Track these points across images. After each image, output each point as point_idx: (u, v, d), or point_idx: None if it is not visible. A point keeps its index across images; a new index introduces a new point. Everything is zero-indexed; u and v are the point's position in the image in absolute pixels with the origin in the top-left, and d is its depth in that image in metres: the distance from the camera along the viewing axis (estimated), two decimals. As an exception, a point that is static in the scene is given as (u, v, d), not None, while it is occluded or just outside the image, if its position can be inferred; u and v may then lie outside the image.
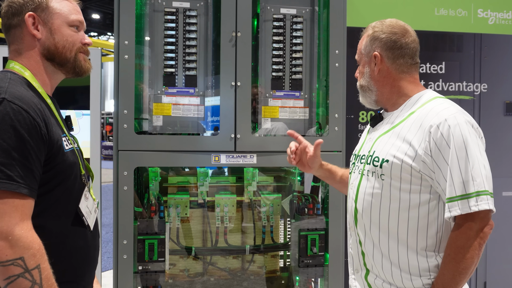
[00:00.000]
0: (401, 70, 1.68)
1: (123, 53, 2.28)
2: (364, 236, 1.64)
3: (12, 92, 1.28)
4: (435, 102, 1.60)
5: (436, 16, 3.03)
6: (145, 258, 2.33)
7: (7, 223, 1.20)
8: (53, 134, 1.33)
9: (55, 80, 1.49)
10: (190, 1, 2.40)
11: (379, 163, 1.59)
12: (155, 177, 2.61)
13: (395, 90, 1.68)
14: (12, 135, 1.22)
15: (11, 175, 1.21)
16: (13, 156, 1.22)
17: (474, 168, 1.44)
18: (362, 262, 1.67)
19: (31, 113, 1.27)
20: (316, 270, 2.53)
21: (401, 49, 1.67)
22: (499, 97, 3.14)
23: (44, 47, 1.43)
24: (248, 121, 2.39)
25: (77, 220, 1.43)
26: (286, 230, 2.93)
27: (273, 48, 2.49)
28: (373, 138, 1.71)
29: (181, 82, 2.40)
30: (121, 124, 2.29)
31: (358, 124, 2.94)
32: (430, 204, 1.53)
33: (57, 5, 1.45)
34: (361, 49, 1.73)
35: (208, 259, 2.80)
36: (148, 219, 2.39)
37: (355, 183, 1.71)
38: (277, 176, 2.98)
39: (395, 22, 1.70)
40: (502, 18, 3.13)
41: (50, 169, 1.32)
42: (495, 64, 3.13)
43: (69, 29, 1.46)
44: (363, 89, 1.73)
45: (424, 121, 1.53)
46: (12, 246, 1.19)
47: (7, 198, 1.21)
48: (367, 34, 1.73)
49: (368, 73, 1.70)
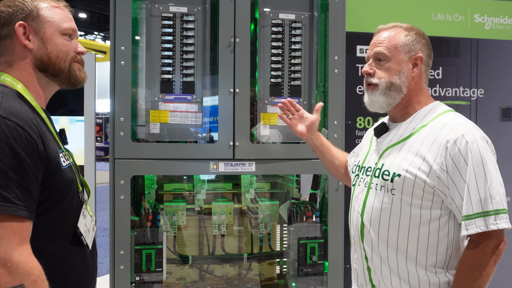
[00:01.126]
0: (426, 80, 1.65)
1: (119, 59, 2.23)
2: (371, 251, 1.59)
3: (6, 108, 1.21)
4: (448, 116, 1.56)
5: (434, 21, 3.01)
6: (142, 268, 2.28)
7: (5, 248, 1.13)
8: (50, 150, 1.26)
9: (49, 92, 1.42)
10: (187, 6, 2.35)
11: (389, 177, 1.54)
12: (151, 185, 2.56)
13: (416, 99, 1.63)
14: (9, 154, 1.16)
15: (9, 197, 1.15)
16: (10, 177, 1.15)
17: (493, 186, 1.42)
18: (368, 278, 1.62)
19: (27, 130, 1.20)
20: (315, 278, 2.50)
21: (431, 60, 1.66)
22: (495, 102, 3.14)
23: (36, 57, 1.36)
24: (247, 129, 2.35)
25: (76, 240, 1.36)
26: (282, 237, 2.89)
27: (271, 54, 2.46)
28: (380, 150, 1.65)
29: (179, 88, 2.35)
30: (118, 131, 2.24)
31: (356, 130, 2.91)
32: (441, 220, 1.50)
33: (49, 13, 1.37)
34: (399, 45, 1.58)
35: (205, 267, 2.75)
36: (145, 228, 2.34)
37: (361, 197, 1.64)
38: (273, 183, 2.95)
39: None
40: (498, 23, 3.13)
41: (47, 188, 1.26)
42: (492, 69, 3.13)
43: (62, 38, 1.38)
44: (392, 88, 1.59)
45: (438, 136, 1.49)
46: (12, 273, 1.12)
47: (5, 222, 1.14)
48: (404, 30, 1.61)
49: (405, 73, 1.59)
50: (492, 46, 3.12)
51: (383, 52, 1.60)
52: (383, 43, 1.61)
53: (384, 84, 1.59)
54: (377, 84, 1.61)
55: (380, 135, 1.68)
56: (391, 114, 1.70)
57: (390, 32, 1.62)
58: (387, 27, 1.65)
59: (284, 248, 2.85)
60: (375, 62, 1.63)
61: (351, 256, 1.73)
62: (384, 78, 1.59)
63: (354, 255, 1.68)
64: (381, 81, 1.60)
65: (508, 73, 3.16)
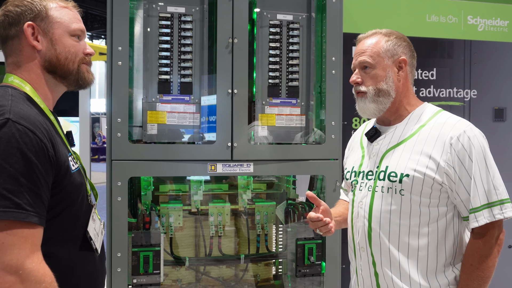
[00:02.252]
0: (411, 80, 1.69)
1: (116, 59, 2.21)
2: (380, 256, 1.59)
3: (17, 111, 1.18)
4: (444, 115, 1.62)
5: (428, 22, 3.04)
6: (140, 271, 2.26)
7: (17, 256, 1.10)
8: (60, 155, 1.24)
9: (56, 93, 1.39)
10: (185, 6, 2.34)
11: (397, 178, 1.55)
12: (147, 186, 2.54)
13: (406, 100, 1.66)
14: (19, 159, 1.13)
15: (20, 203, 1.12)
16: (21, 182, 1.12)
17: (495, 177, 1.50)
18: (375, 284, 1.62)
19: (38, 134, 1.18)
20: (313, 279, 2.50)
21: (415, 60, 1.70)
22: (488, 103, 3.17)
23: (45, 59, 1.33)
24: (245, 129, 2.34)
25: (85, 245, 1.34)
26: (278, 238, 2.89)
27: (269, 54, 2.45)
28: (378, 153, 1.65)
29: (176, 89, 2.34)
30: (115, 133, 2.21)
31: (352, 130, 2.92)
32: (447, 216, 1.55)
33: (57, 14, 1.34)
34: (381, 51, 1.61)
35: (201, 268, 2.74)
36: (142, 230, 2.32)
37: (365, 201, 1.63)
38: (269, 183, 2.95)
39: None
40: (491, 25, 3.17)
41: (57, 193, 1.23)
42: (484, 70, 3.16)
43: (71, 39, 1.36)
44: (381, 94, 1.61)
45: (441, 133, 1.54)
46: (23, 281, 1.10)
47: (16, 229, 1.11)
48: (384, 36, 1.64)
49: (391, 77, 1.62)
50: (485, 48, 3.16)
51: (367, 60, 1.63)
52: (366, 52, 1.64)
53: (372, 92, 1.63)
54: (366, 92, 1.64)
55: (374, 139, 1.69)
56: (383, 118, 1.71)
57: (371, 39, 1.66)
58: (367, 35, 1.69)
59: (280, 249, 2.84)
60: (361, 70, 1.66)
61: (355, 263, 1.71)
62: (371, 86, 1.63)
63: (360, 262, 1.66)
64: (369, 89, 1.63)
65: (500, 74, 3.20)
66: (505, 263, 3.11)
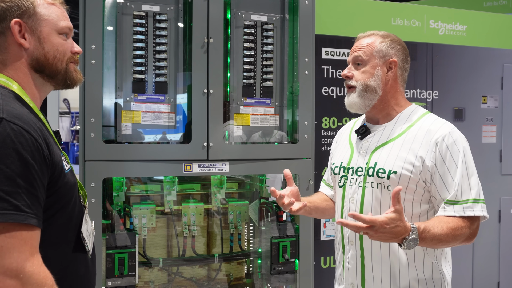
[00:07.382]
0: (402, 83, 1.77)
1: (89, 58, 2.16)
2: (370, 249, 1.66)
3: (9, 110, 1.14)
4: (431, 116, 1.72)
5: (393, 25, 3.14)
6: (115, 273, 2.22)
7: (17, 259, 1.07)
8: (54, 155, 1.20)
9: (43, 93, 1.35)
10: (160, 5, 2.32)
11: (385, 175, 1.63)
12: (120, 187, 2.50)
13: (394, 100, 1.74)
14: (16, 159, 1.09)
15: (18, 205, 1.08)
16: (18, 184, 1.09)
17: (473, 178, 1.60)
18: (361, 276, 1.68)
19: (33, 134, 1.14)
20: (287, 277, 2.54)
21: (408, 64, 1.78)
22: (448, 103, 3.32)
23: (32, 57, 1.28)
24: (220, 129, 2.35)
25: (78, 246, 1.31)
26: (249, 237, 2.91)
27: (244, 55, 2.47)
28: (367, 150, 1.72)
29: (151, 89, 2.31)
30: (88, 133, 2.17)
31: (321, 130, 2.98)
32: (429, 213, 1.64)
33: (45, 11, 1.29)
34: (374, 50, 1.71)
35: (174, 269, 2.72)
36: (117, 232, 2.28)
37: (356, 196, 1.70)
38: (241, 183, 2.96)
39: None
40: (451, 29, 3.31)
41: (52, 194, 1.20)
42: (445, 72, 3.31)
43: (59, 37, 1.31)
44: (368, 90, 1.70)
45: (428, 133, 1.63)
46: (25, 285, 1.07)
47: (15, 231, 1.08)
48: (380, 37, 1.73)
49: (379, 76, 1.70)
50: (446, 51, 3.31)
51: (360, 56, 1.73)
52: (361, 49, 1.74)
53: (360, 86, 1.72)
54: (355, 86, 1.73)
55: (364, 137, 1.76)
56: (371, 116, 1.78)
57: (368, 39, 1.75)
58: (366, 35, 1.78)
59: (251, 248, 2.86)
60: (354, 65, 1.76)
61: (341, 256, 1.77)
62: (360, 81, 1.72)
63: (348, 255, 1.73)
64: (358, 83, 1.72)
65: (459, 76, 3.36)
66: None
